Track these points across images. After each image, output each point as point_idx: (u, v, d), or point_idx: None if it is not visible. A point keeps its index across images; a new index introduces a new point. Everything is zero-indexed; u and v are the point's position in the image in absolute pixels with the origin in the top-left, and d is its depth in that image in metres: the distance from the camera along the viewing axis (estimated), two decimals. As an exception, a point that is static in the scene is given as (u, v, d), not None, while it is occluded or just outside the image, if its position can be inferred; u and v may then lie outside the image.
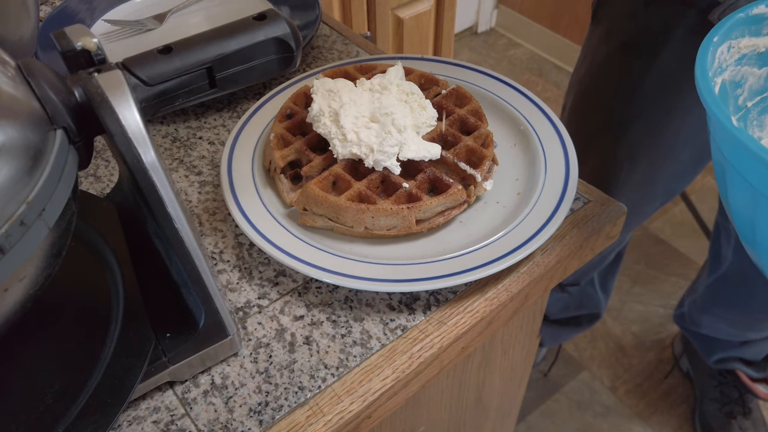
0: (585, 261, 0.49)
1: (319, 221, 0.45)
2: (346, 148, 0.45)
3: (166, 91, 0.33)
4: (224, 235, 0.47)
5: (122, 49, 0.64)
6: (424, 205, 0.44)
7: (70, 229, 0.30)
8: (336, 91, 0.47)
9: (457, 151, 0.48)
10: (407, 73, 0.54)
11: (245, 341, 0.41)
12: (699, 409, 1.27)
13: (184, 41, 0.34)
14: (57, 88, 0.29)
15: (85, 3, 0.67)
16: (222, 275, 0.44)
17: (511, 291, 0.43)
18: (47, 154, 0.28)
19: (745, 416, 1.23)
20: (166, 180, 0.31)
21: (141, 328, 0.37)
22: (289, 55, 0.36)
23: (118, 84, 0.29)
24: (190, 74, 0.33)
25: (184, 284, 0.36)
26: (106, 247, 0.41)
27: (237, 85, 0.36)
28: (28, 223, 0.26)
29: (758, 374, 1.20)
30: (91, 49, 0.32)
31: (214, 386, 0.39)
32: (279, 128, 0.49)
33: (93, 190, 0.51)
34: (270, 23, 0.35)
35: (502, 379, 0.65)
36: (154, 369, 0.36)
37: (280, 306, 0.43)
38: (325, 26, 0.69)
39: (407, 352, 0.40)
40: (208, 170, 0.53)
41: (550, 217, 0.44)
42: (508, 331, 0.57)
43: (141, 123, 0.29)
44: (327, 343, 0.41)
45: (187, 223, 0.32)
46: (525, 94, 0.54)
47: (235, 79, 0.35)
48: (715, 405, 1.25)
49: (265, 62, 0.35)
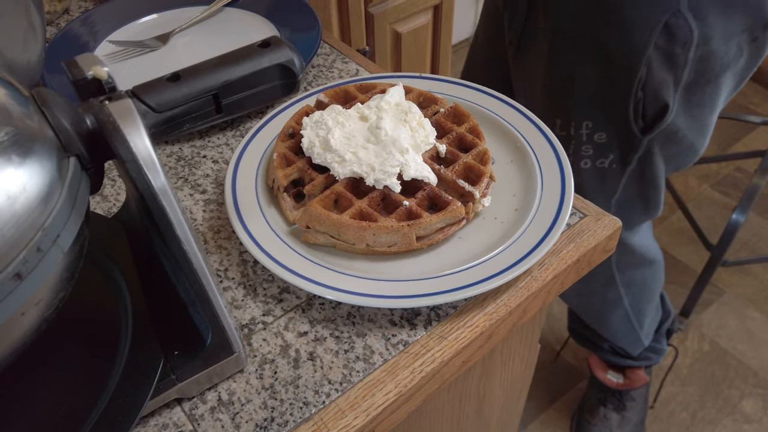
0: (582, 275, 0.50)
1: (321, 239, 0.46)
2: (345, 168, 0.46)
3: (175, 117, 0.34)
4: (229, 253, 0.48)
5: (126, 69, 0.65)
6: (424, 223, 0.45)
7: (82, 253, 0.31)
8: (322, 120, 0.49)
9: (455, 169, 0.49)
10: (406, 92, 0.55)
11: (251, 358, 0.42)
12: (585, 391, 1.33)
13: (191, 69, 0.35)
14: (70, 116, 0.30)
15: (89, 25, 0.69)
16: (227, 292, 0.45)
17: (509, 305, 0.44)
18: (62, 182, 0.29)
19: (616, 409, 1.26)
20: (176, 203, 0.32)
21: (149, 347, 0.37)
22: (292, 81, 0.37)
23: (129, 112, 0.31)
24: (197, 101, 0.34)
25: (192, 303, 0.37)
26: (114, 267, 0.42)
27: (242, 109, 0.37)
28: (44, 249, 0.27)
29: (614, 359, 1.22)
30: (102, 78, 0.33)
31: (221, 402, 0.39)
32: (281, 147, 0.50)
33: (100, 209, 0.52)
34: (274, 50, 0.36)
35: (503, 390, 0.66)
36: (163, 387, 0.37)
37: (284, 322, 0.44)
38: (324, 44, 0.70)
39: (409, 367, 0.41)
40: (213, 189, 0.54)
41: (546, 233, 0.45)
42: (508, 343, 0.58)
43: (151, 150, 0.30)
44: (330, 358, 0.41)
45: (195, 245, 0.33)
46: (521, 111, 0.55)
47: (240, 105, 0.36)
48: (593, 390, 1.30)
49: (270, 88, 0.37)
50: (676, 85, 0.72)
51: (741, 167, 1.84)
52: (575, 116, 0.77)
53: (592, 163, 0.81)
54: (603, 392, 1.27)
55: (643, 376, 1.24)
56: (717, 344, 1.43)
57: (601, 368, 1.28)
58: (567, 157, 0.51)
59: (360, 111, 0.50)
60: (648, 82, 0.71)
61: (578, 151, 0.80)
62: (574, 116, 0.78)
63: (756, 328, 1.45)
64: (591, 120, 0.77)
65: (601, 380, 1.26)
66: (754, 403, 1.32)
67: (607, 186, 0.84)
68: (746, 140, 1.92)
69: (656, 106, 0.73)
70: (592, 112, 0.77)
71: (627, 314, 1.07)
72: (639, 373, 1.24)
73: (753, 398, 1.33)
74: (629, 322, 1.09)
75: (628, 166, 0.81)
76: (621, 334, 1.12)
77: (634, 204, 0.87)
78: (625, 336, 1.13)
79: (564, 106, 0.78)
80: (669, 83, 0.71)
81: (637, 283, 1.04)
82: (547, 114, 0.79)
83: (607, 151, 0.79)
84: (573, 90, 0.76)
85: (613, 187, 0.84)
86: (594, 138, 0.78)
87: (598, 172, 0.82)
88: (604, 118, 0.76)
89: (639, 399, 1.27)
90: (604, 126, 0.77)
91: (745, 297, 1.52)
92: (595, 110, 0.76)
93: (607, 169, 0.81)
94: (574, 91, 0.76)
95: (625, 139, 0.78)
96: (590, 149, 0.79)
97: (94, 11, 0.72)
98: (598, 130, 0.78)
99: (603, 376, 1.26)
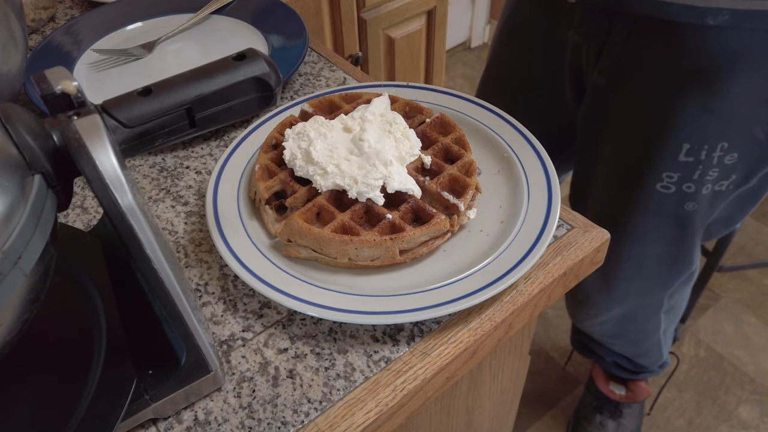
0: (569, 288, 0.49)
1: (303, 252, 0.45)
2: (328, 180, 0.45)
3: (146, 132, 0.33)
4: (210, 267, 0.47)
5: (111, 78, 0.64)
6: (408, 236, 0.44)
7: (48, 273, 0.30)
8: (304, 132, 0.48)
9: (440, 181, 0.48)
10: (392, 101, 0.54)
11: (229, 375, 0.41)
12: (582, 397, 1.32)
13: (163, 82, 0.34)
14: (35, 133, 0.30)
15: (72, 34, 0.68)
16: (206, 308, 0.45)
17: (494, 320, 0.43)
18: (24, 201, 0.28)
19: (612, 417, 1.24)
20: (144, 222, 0.31)
21: (123, 366, 0.37)
22: (269, 94, 0.36)
23: (96, 128, 0.30)
24: (169, 115, 0.34)
25: (165, 321, 0.36)
26: (90, 283, 0.41)
27: (217, 123, 0.36)
28: (4, 272, 0.26)
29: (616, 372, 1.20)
30: (71, 93, 0.32)
31: (197, 422, 0.39)
32: (264, 159, 0.50)
33: (79, 221, 0.51)
34: (249, 63, 0.35)
35: (492, 403, 0.65)
36: (136, 407, 0.36)
37: (264, 339, 0.43)
38: (312, 52, 0.69)
39: (390, 385, 0.40)
40: (195, 200, 0.53)
41: (533, 246, 0.45)
42: (497, 355, 0.57)
43: (118, 167, 0.29)
44: (311, 376, 0.41)
45: (167, 264, 0.33)
46: (508, 121, 0.54)
47: (215, 119, 0.35)
48: (590, 396, 1.29)
49: (246, 101, 0.36)
50: None
51: (737, 171, 1.84)
52: (710, 140, 0.68)
53: (711, 188, 0.73)
54: (599, 399, 1.26)
55: (645, 389, 1.23)
56: (713, 350, 1.42)
57: (603, 380, 1.26)
58: (554, 168, 0.50)
59: (344, 122, 0.50)
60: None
61: (704, 176, 0.71)
62: (709, 139, 0.68)
63: (752, 334, 1.44)
64: (728, 141, 0.68)
65: (603, 392, 1.24)
66: (751, 409, 1.31)
67: (712, 210, 0.77)
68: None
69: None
70: (731, 132, 0.67)
71: (659, 340, 1.04)
72: (641, 385, 1.23)
73: (750, 404, 1.32)
74: (659, 344, 1.06)
75: (745, 184, 0.74)
76: (645, 353, 1.09)
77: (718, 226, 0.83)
78: (648, 355, 1.10)
79: (699, 130, 0.68)
80: None
81: (677, 307, 0.99)
82: (666, 143, 0.70)
83: (730, 173, 0.71)
84: (713, 112, 0.66)
85: (714, 210, 0.78)
86: (725, 160, 0.69)
87: (713, 195, 0.74)
88: (746, 138, 0.68)
89: (635, 406, 1.26)
90: (742, 146, 0.68)
91: (742, 302, 1.51)
92: (737, 130, 0.67)
93: (723, 192, 0.74)
94: (714, 114, 0.66)
95: (758, 156, 0.70)
96: (716, 172, 0.71)
97: (78, 19, 0.71)
98: (732, 150, 0.69)
99: (605, 389, 1.24)
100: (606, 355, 1.14)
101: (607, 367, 1.18)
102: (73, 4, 0.80)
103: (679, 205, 0.75)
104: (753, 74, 0.63)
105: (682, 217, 0.76)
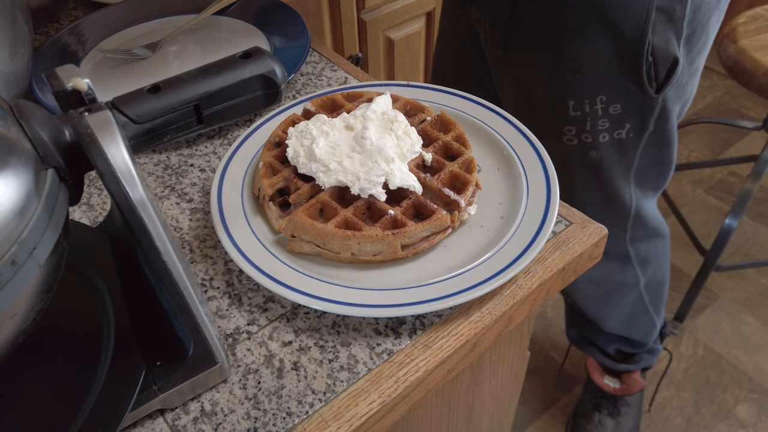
0: (568, 283, 0.50)
1: (306, 248, 0.46)
2: (330, 177, 0.46)
3: (155, 128, 0.34)
4: (214, 262, 0.48)
5: (114, 78, 0.65)
6: (409, 231, 0.45)
7: (61, 265, 0.31)
8: (307, 130, 0.49)
9: (441, 177, 0.49)
10: (394, 100, 0.55)
11: (234, 367, 0.42)
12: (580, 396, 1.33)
13: (171, 80, 0.35)
14: (48, 128, 0.30)
15: (77, 34, 0.69)
16: (212, 302, 0.45)
17: (494, 314, 0.44)
18: (38, 194, 0.29)
19: (611, 415, 1.26)
20: (155, 215, 0.32)
21: (131, 358, 0.37)
22: (274, 91, 0.37)
23: (107, 124, 0.31)
24: (177, 112, 0.34)
25: (173, 314, 0.37)
26: (98, 277, 0.42)
27: (224, 120, 0.37)
28: (19, 263, 0.27)
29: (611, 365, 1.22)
30: (82, 89, 0.33)
31: (204, 413, 0.39)
32: (268, 156, 0.50)
33: (86, 218, 0.52)
34: (255, 61, 0.36)
35: (492, 397, 0.65)
36: (144, 398, 0.37)
37: (268, 332, 0.43)
38: (314, 52, 0.70)
39: (393, 377, 0.41)
40: (199, 197, 0.54)
41: (532, 241, 0.45)
42: (496, 350, 0.58)
43: (129, 162, 0.30)
44: (314, 368, 0.41)
45: (176, 256, 0.33)
46: (508, 120, 0.55)
47: (222, 115, 0.36)
48: (588, 395, 1.30)
49: (252, 98, 0.37)
50: (679, 39, 0.73)
51: (735, 172, 1.85)
52: (588, 95, 0.78)
53: (609, 136, 0.82)
54: (598, 398, 1.27)
55: (639, 381, 1.24)
56: (711, 349, 1.43)
57: (598, 373, 1.27)
58: (552, 165, 0.51)
59: (345, 120, 0.50)
60: (656, 45, 0.72)
61: (595, 126, 0.81)
62: (586, 95, 0.79)
63: (750, 333, 1.45)
64: (604, 94, 0.78)
65: (598, 385, 1.26)
66: (749, 408, 1.32)
67: (626, 158, 0.85)
68: (739, 145, 1.93)
69: (666, 65, 0.74)
70: (604, 87, 0.77)
71: (642, 298, 1.06)
72: (635, 377, 1.24)
73: (747, 403, 1.33)
74: (644, 306, 1.08)
75: (646, 131, 0.82)
76: (635, 321, 1.10)
77: (651, 171, 0.89)
78: (639, 324, 1.11)
79: (574, 88, 0.78)
80: (672, 39, 0.72)
81: (650, 260, 1.04)
82: (556, 101, 0.80)
83: (623, 121, 0.80)
84: (584, 72, 0.77)
85: (631, 158, 0.85)
86: (609, 110, 0.79)
87: (616, 144, 0.83)
88: (618, 90, 0.77)
89: (634, 404, 1.27)
90: (618, 97, 0.78)
91: (739, 302, 1.52)
92: (608, 84, 0.77)
93: (624, 139, 0.82)
94: (585, 73, 0.77)
95: (641, 105, 0.79)
96: (606, 122, 0.81)
97: (83, 20, 0.72)
98: (613, 102, 0.78)
99: (600, 381, 1.26)
100: (599, 340, 1.16)
101: (603, 359, 1.20)
102: (77, 5, 0.81)
103: (585, 154, 0.83)
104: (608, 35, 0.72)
105: (592, 165, 0.84)
